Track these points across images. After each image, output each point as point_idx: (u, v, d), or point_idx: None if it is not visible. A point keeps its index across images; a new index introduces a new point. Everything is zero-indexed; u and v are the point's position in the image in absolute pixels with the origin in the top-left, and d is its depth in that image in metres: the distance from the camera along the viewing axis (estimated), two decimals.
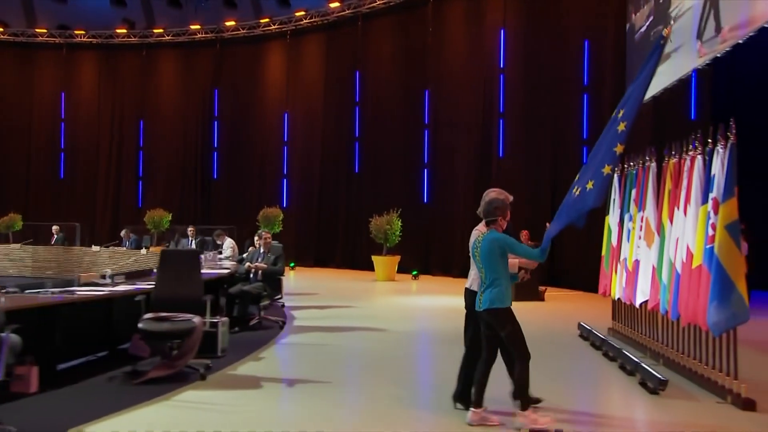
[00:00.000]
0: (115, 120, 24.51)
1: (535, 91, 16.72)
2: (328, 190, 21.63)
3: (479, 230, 5.21)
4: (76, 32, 24.49)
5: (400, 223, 17.45)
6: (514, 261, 5.27)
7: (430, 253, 19.25)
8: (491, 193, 5.14)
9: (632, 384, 6.30)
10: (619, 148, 5.07)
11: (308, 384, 6.58)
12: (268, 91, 23.47)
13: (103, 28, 24.38)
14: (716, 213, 5.51)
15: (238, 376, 6.74)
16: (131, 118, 24.58)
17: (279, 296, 9.88)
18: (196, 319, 6.31)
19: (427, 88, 19.50)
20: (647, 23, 12.88)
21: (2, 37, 24.48)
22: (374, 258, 17.69)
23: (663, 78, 11.16)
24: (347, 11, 21.24)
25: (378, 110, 20.97)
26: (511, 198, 5.25)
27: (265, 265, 9.46)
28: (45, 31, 24.47)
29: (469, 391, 5.10)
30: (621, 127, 5.07)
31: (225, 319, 7.54)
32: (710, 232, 5.59)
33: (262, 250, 9.80)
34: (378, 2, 20.40)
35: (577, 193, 5.08)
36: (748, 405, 5.26)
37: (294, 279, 18.53)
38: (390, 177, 20.36)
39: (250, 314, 9.63)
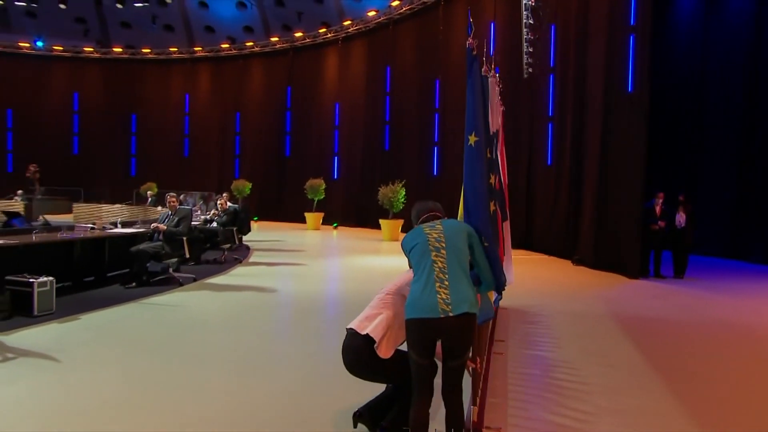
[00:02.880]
0: (220, 113, 24.87)
1: (516, 76, 14.96)
2: (367, 164, 20.59)
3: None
4: (196, 49, 25.15)
5: (404, 192, 16.34)
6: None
7: None
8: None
9: None
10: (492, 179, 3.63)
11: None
12: (325, 86, 22.63)
13: (213, 44, 24.87)
14: None
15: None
16: (231, 111, 24.73)
17: (182, 254, 8.14)
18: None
19: (438, 77, 18.08)
20: None
21: (149, 56, 25.65)
22: (381, 221, 16.74)
23: None
24: (382, 18, 20.15)
25: (402, 98, 19.65)
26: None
27: (164, 227, 8.05)
28: (176, 49, 25.36)
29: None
30: (471, 140, 3.34)
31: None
32: None
33: (169, 212, 8.45)
34: (404, 9, 19.20)
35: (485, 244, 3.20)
36: None
37: (311, 236, 18.14)
38: (409, 153, 19.10)
39: (153, 271, 8.27)
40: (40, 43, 25.31)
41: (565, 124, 12.69)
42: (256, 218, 22.97)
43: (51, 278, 6.35)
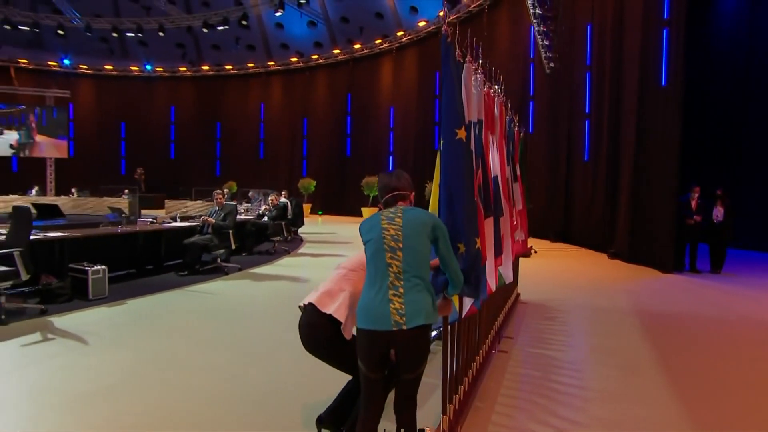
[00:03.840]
0: (290, 119, 24.94)
1: (555, 76, 13.87)
2: (418, 163, 19.90)
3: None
4: (270, 64, 25.41)
5: None
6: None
7: None
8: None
9: None
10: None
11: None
12: (381, 92, 22.12)
13: (285, 59, 25.05)
14: None
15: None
16: (299, 117, 24.73)
17: (228, 246, 8.06)
18: None
19: None
20: None
21: (231, 71, 26.21)
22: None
23: None
24: (431, 27, 19.44)
25: None
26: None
27: (213, 220, 7.94)
28: (253, 65, 25.76)
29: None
30: (461, 134, 2.79)
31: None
32: None
33: (216, 208, 8.25)
34: (451, 17, 18.40)
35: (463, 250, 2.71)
36: None
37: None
38: None
39: (204, 261, 8.28)
40: (148, 67, 26.47)
41: (601, 120, 11.60)
42: (320, 212, 23.02)
43: (104, 267, 6.32)
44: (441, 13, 18.57)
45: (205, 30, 22.97)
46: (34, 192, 21.29)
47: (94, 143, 25.99)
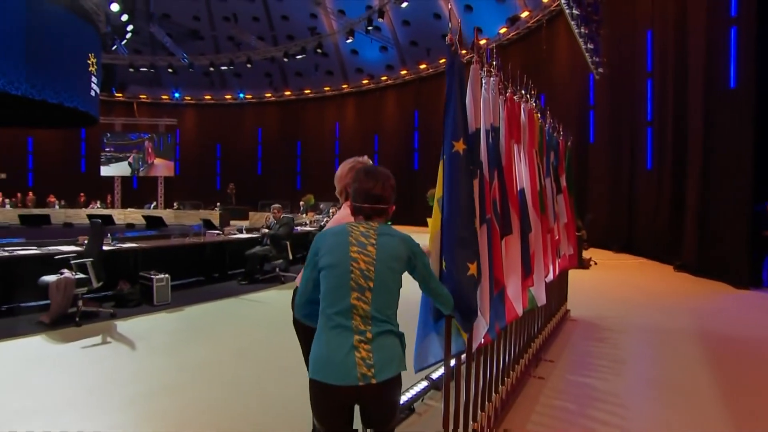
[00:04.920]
0: (362, 136, 24.84)
1: (614, 84, 12.60)
2: None
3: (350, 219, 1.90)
4: (343, 86, 25.69)
5: None
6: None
7: None
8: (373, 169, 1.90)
9: None
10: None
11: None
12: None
13: (357, 81, 25.21)
14: None
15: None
16: (370, 134, 24.54)
17: (285, 256, 7.88)
18: None
19: (543, 93, 16.00)
20: None
21: (309, 95, 26.82)
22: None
23: None
24: (491, 45, 18.62)
25: None
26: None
27: (270, 231, 7.85)
28: (329, 88, 26.19)
29: None
30: (458, 147, 2.27)
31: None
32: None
33: (274, 221, 8.10)
34: (511, 34, 17.48)
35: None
36: None
37: (425, 238, 16.96)
38: None
39: (266, 270, 8.13)
40: (241, 95, 27.78)
41: (665, 127, 10.27)
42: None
43: (167, 275, 6.34)
44: (502, 30, 17.70)
45: (285, 60, 23.65)
46: (152, 206, 22.93)
47: (195, 163, 27.58)
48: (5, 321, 5.37)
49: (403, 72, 22.96)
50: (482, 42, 18.35)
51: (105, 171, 25.14)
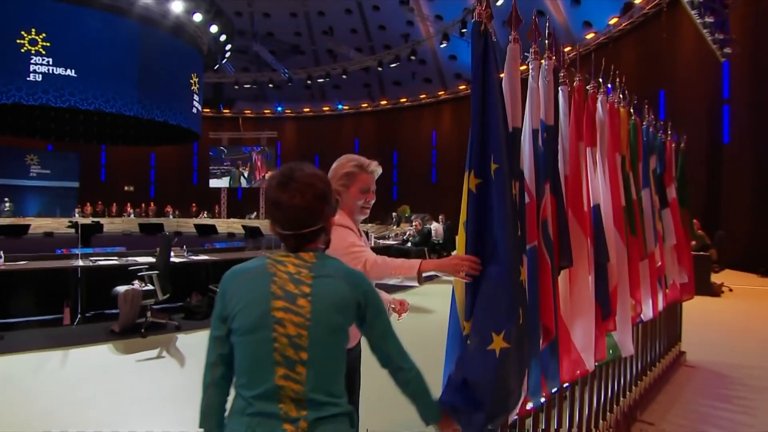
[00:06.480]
0: (459, 144, 24.18)
1: (761, 74, 10.59)
2: None
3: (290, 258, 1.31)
4: (439, 93, 25.31)
5: None
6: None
7: None
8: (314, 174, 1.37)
9: None
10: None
11: None
12: None
13: (454, 87, 24.71)
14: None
15: None
16: (467, 142, 23.97)
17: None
18: None
19: (663, 88, 14.07)
20: None
21: (405, 104, 26.88)
22: None
23: None
24: (601, 38, 16.90)
25: None
26: (369, 166, 2.02)
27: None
28: (425, 96, 26.02)
29: None
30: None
31: None
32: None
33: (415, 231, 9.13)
34: (624, 24, 15.74)
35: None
36: None
37: None
38: None
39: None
40: (339, 106, 28.82)
41: None
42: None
43: None
44: (612, 21, 16.05)
45: (380, 69, 23.92)
46: (253, 216, 24.59)
47: None
48: (86, 327, 5.77)
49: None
50: (589, 36, 16.88)
51: (213, 183, 27.51)
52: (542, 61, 2.23)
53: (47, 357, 4.66)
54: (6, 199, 19.24)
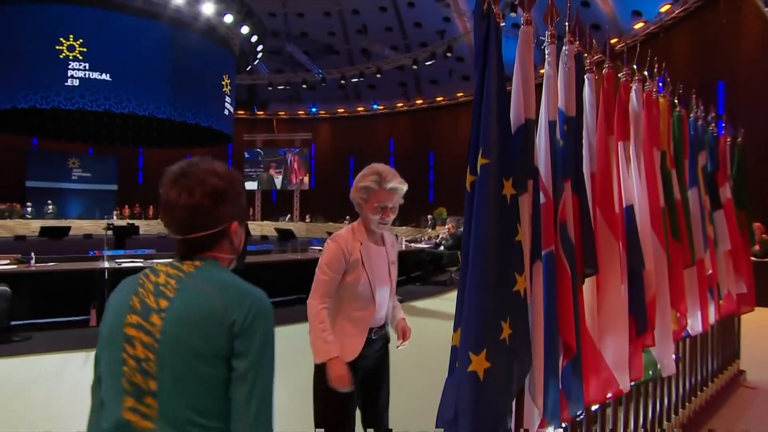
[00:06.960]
0: None
1: None
2: None
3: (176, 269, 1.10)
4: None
5: None
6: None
7: None
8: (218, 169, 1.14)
9: None
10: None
11: None
12: None
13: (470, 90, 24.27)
14: None
15: None
16: None
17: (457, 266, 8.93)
18: None
19: (722, 79, 13.24)
20: None
21: (442, 102, 26.62)
22: None
23: None
24: (652, 28, 16.11)
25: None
26: (389, 182, 1.93)
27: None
28: (462, 94, 25.68)
29: None
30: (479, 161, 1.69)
31: None
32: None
33: (448, 234, 9.86)
34: (677, 11, 14.95)
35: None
36: None
37: None
38: None
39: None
40: (374, 105, 28.90)
41: None
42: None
43: None
44: (663, 9, 15.29)
45: (415, 67, 23.78)
46: (287, 219, 24.94)
47: (329, 176, 29.24)
48: None
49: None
50: (637, 26, 16.17)
51: (247, 186, 28.17)
52: (562, 46, 2.04)
53: (72, 358, 4.77)
54: (49, 201, 20.27)
